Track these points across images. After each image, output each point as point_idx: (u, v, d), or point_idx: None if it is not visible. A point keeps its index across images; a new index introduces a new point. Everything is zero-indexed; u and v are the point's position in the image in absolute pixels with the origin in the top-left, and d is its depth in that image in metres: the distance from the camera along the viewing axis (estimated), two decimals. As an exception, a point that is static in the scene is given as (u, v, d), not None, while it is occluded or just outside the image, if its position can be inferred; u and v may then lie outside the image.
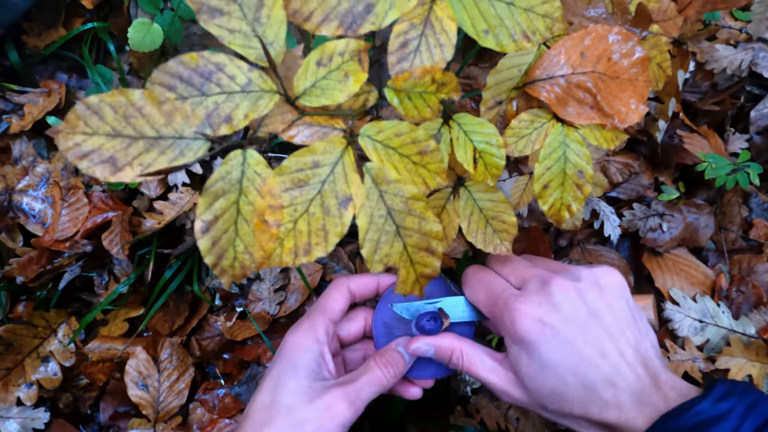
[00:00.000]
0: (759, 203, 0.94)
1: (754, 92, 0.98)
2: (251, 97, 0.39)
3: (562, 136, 0.53)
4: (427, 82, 0.42)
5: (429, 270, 0.43)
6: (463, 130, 0.51)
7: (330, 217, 0.40)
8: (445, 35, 0.42)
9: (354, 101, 0.45)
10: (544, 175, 0.53)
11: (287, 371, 0.49)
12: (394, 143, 0.41)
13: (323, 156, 0.40)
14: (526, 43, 0.44)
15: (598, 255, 0.96)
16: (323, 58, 0.40)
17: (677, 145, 0.95)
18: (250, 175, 0.38)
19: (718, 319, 0.87)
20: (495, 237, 0.59)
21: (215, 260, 0.38)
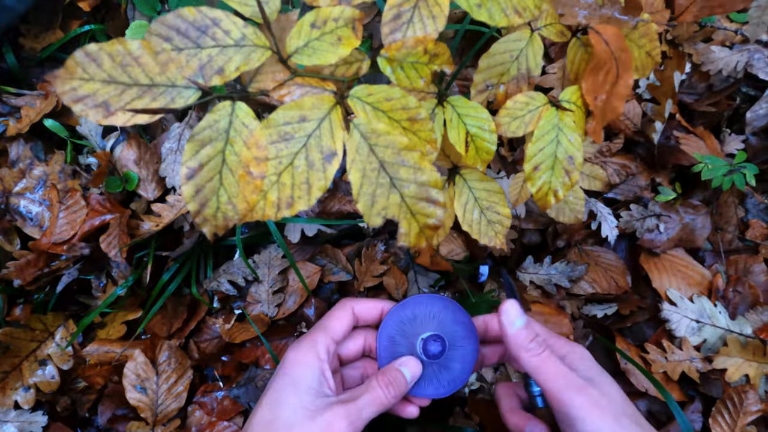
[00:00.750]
0: (755, 204, 0.94)
1: (749, 93, 0.99)
2: (244, 51, 0.40)
3: (556, 120, 0.53)
4: (419, 52, 0.43)
5: (433, 220, 0.42)
6: (456, 113, 0.51)
7: (314, 170, 0.40)
8: (438, 8, 0.43)
9: (347, 68, 0.45)
10: (536, 156, 0.53)
11: (288, 387, 0.49)
12: (384, 107, 0.41)
13: (311, 111, 0.40)
14: (517, 19, 0.44)
15: (595, 256, 0.96)
16: (318, 20, 0.41)
17: (674, 146, 0.95)
18: (238, 126, 0.39)
19: (715, 319, 0.88)
20: (490, 228, 0.59)
21: (198, 208, 0.39)
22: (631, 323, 0.91)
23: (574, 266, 0.93)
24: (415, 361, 0.56)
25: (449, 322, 0.59)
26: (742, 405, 0.82)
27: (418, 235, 0.42)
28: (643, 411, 0.85)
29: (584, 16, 0.58)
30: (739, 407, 0.82)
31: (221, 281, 0.90)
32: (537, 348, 0.50)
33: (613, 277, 0.93)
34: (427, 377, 0.58)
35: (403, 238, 0.42)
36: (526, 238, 0.97)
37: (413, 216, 0.42)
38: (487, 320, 0.61)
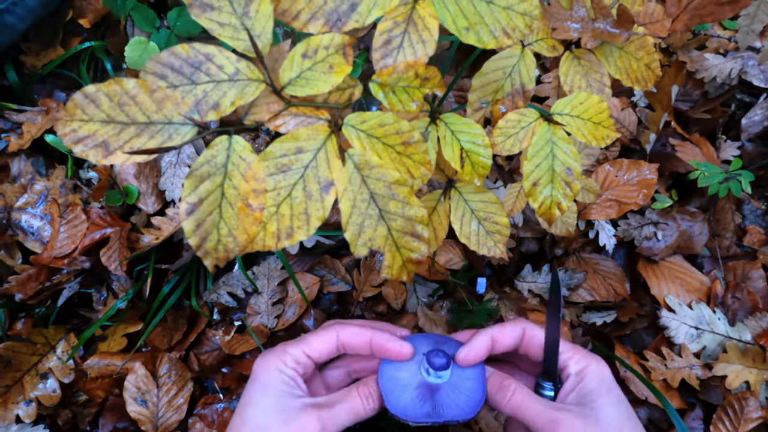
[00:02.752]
0: (752, 210, 0.95)
1: (744, 100, 0.99)
2: (238, 86, 0.40)
3: (549, 134, 0.54)
4: (410, 77, 0.43)
5: (416, 255, 0.43)
6: (450, 129, 0.52)
7: (312, 201, 0.41)
8: (427, 32, 0.43)
9: (340, 95, 0.46)
10: (533, 172, 0.54)
11: (257, 391, 0.48)
12: (377, 133, 0.42)
13: (306, 142, 0.41)
14: (507, 40, 0.45)
15: (594, 264, 0.96)
16: (308, 50, 0.42)
17: (670, 154, 0.96)
18: (235, 159, 0.40)
19: (714, 325, 0.88)
20: (488, 239, 0.60)
21: (199, 242, 0.39)
22: (630, 330, 0.91)
23: (572, 274, 0.93)
24: None
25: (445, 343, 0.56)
26: (742, 412, 0.82)
27: (401, 268, 0.43)
28: (643, 419, 0.85)
29: (576, 30, 0.59)
30: (740, 414, 0.82)
31: (221, 293, 0.90)
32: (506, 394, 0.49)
33: (612, 285, 0.94)
34: (443, 402, 0.53)
35: (386, 270, 0.43)
36: (524, 246, 0.98)
37: (398, 249, 0.43)
38: None
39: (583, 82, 0.59)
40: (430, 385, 0.53)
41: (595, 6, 0.58)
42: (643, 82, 0.62)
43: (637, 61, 0.61)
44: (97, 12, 0.95)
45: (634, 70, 0.61)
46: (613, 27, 0.58)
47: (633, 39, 0.61)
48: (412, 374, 0.54)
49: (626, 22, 0.58)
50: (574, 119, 0.55)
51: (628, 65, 0.61)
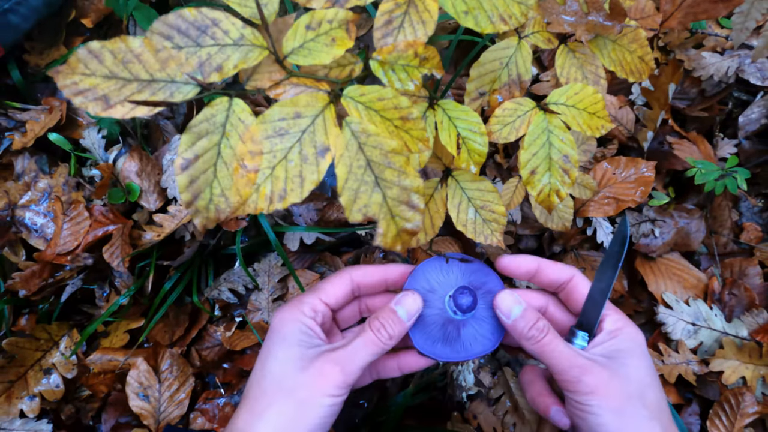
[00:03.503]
0: (749, 207, 0.95)
1: (741, 98, 1.00)
2: (242, 50, 0.41)
3: (545, 123, 0.54)
4: (410, 56, 0.44)
5: (411, 225, 0.43)
6: (447, 115, 0.53)
7: (307, 164, 0.41)
8: (428, 14, 0.44)
9: (340, 71, 0.47)
10: (531, 161, 0.54)
11: (276, 344, 0.48)
12: (376, 106, 0.43)
13: (305, 108, 0.42)
14: (503, 26, 0.46)
15: (592, 261, 0.97)
16: (313, 22, 0.43)
17: (667, 151, 0.97)
18: (234, 120, 0.40)
19: (711, 322, 0.88)
20: (485, 227, 0.60)
21: (191, 198, 0.40)
22: (627, 327, 0.92)
23: (570, 271, 0.93)
24: (413, 297, 0.51)
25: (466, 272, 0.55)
26: (739, 407, 0.82)
27: (396, 237, 0.43)
28: (640, 414, 0.86)
29: (570, 23, 0.59)
30: (737, 409, 0.82)
31: (222, 289, 0.91)
32: (537, 334, 0.48)
33: (610, 282, 0.94)
34: (470, 337, 0.53)
35: (381, 238, 0.43)
36: (522, 243, 0.98)
37: (393, 218, 0.43)
38: None
39: (578, 74, 0.60)
40: (456, 321, 0.53)
41: (588, 0, 0.59)
42: (637, 73, 0.63)
43: (631, 53, 0.62)
44: (100, 12, 0.96)
45: (628, 62, 0.62)
46: (606, 20, 0.59)
47: (626, 32, 0.62)
48: (438, 311, 0.53)
49: (618, 15, 0.59)
50: (570, 109, 0.56)
51: (621, 57, 0.62)
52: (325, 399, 0.45)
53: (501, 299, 0.51)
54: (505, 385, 0.86)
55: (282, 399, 0.45)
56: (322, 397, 0.45)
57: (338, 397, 0.45)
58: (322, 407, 0.45)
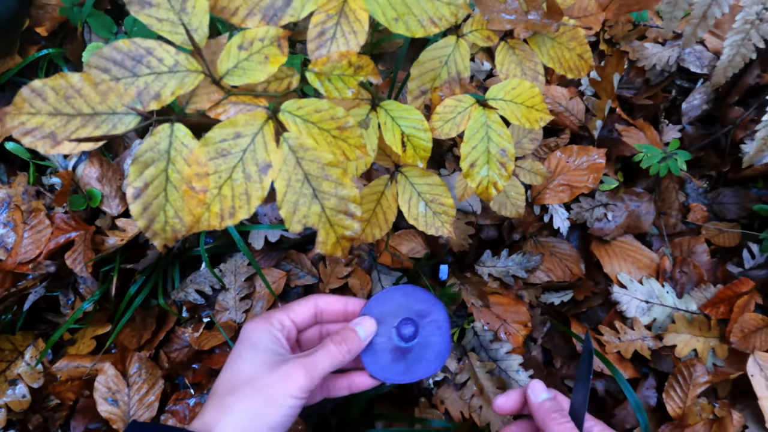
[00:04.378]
0: (694, 188, 1.00)
1: (683, 86, 1.05)
2: (178, 76, 0.43)
3: (484, 118, 0.57)
4: (344, 65, 0.46)
5: (349, 232, 0.45)
6: (390, 116, 0.55)
7: (251, 182, 0.44)
8: (358, 23, 0.46)
9: (279, 84, 0.48)
10: (470, 154, 0.57)
11: (247, 350, 0.52)
12: (313, 118, 0.45)
13: (244, 127, 0.44)
14: (434, 28, 0.48)
15: (550, 246, 1.00)
16: (244, 42, 0.44)
17: (616, 139, 1.01)
18: (178, 145, 0.42)
19: (663, 298, 0.93)
20: (436, 219, 0.63)
21: (147, 223, 0.42)
22: (586, 308, 0.96)
23: (530, 257, 0.97)
24: (370, 320, 0.58)
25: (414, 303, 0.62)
26: (691, 378, 0.86)
27: (335, 244, 0.46)
28: (600, 390, 0.90)
29: (510, 21, 0.62)
30: (689, 380, 0.86)
31: (189, 291, 0.92)
32: (560, 417, 0.52)
33: (568, 266, 0.98)
34: (415, 360, 0.60)
35: (321, 246, 0.46)
36: (483, 233, 1.01)
37: (331, 227, 0.46)
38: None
39: (518, 71, 0.63)
40: (402, 347, 0.60)
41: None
42: (576, 70, 0.67)
43: (570, 51, 0.65)
44: (54, 20, 0.96)
45: (567, 59, 0.65)
46: (544, 18, 0.62)
47: (565, 30, 0.65)
48: (387, 339, 0.60)
49: (555, 14, 0.62)
50: (508, 104, 0.59)
51: (560, 55, 0.65)
52: (289, 399, 0.49)
53: (533, 385, 0.56)
54: (470, 370, 0.89)
55: (250, 395, 0.49)
56: (287, 398, 0.49)
57: (300, 399, 0.50)
58: (286, 407, 0.49)
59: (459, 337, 0.93)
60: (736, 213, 0.99)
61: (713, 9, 0.67)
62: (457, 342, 0.93)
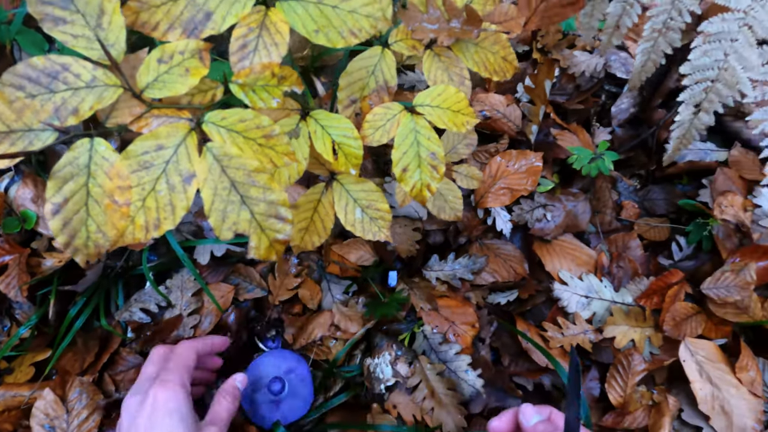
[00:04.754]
0: (625, 187, 1.06)
1: (612, 90, 1.11)
2: (96, 92, 0.43)
3: (413, 124, 0.59)
4: (267, 76, 0.48)
5: (281, 236, 0.46)
6: (320, 125, 0.57)
7: (176, 192, 0.44)
8: (279, 36, 0.48)
9: (202, 96, 0.49)
10: (402, 159, 0.59)
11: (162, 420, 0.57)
12: (238, 128, 0.46)
13: (167, 139, 0.44)
14: (354, 39, 0.50)
15: (495, 248, 1.04)
16: (164, 56, 0.45)
17: (552, 142, 1.05)
18: (98, 160, 0.42)
19: (602, 293, 0.97)
20: (372, 224, 0.64)
21: (68, 240, 0.42)
22: (531, 306, 0.99)
23: (475, 259, 1.00)
24: (242, 375, 0.76)
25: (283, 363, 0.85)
26: (630, 367, 0.91)
27: (269, 248, 0.47)
28: (547, 385, 0.93)
29: (433, 30, 0.65)
30: (628, 369, 0.90)
31: (133, 310, 0.90)
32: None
33: (512, 266, 1.01)
34: (287, 409, 0.82)
35: (254, 251, 0.46)
36: (430, 238, 1.04)
37: (263, 231, 0.46)
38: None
39: (444, 76, 0.66)
40: (275, 399, 0.82)
41: (448, 7, 0.65)
42: (501, 72, 0.70)
43: (494, 54, 0.69)
44: (-18, 38, 0.93)
45: (491, 62, 0.68)
46: (464, 25, 0.65)
47: (488, 35, 0.69)
48: (263, 394, 0.82)
49: (474, 21, 0.65)
50: (435, 109, 0.61)
51: (485, 58, 0.68)
52: None
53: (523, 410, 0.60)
54: (421, 373, 0.90)
55: None
56: None
57: None
58: None
59: (410, 341, 0.94)
60: (665, 208, 1.05)
61: (624, 19, 0.72)
62: (407, 346, 0.94)
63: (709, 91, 0.70)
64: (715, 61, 0.69)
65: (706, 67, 0.69)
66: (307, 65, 1.03)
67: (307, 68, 1.04)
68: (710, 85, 0.70)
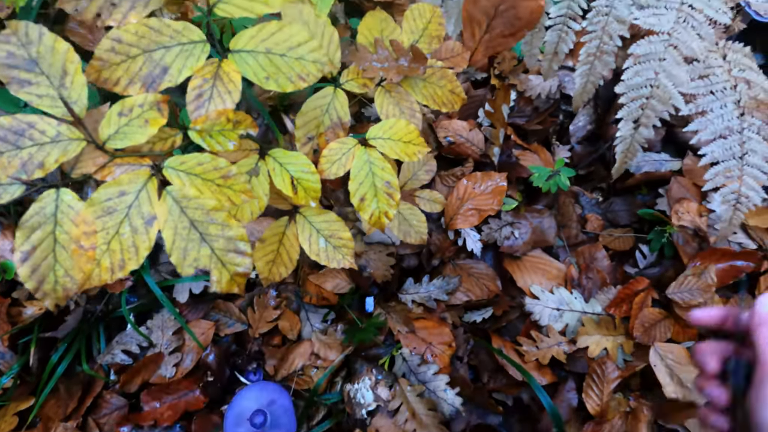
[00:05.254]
0: (587, 200, 1.10)
1: (569, 110, 1.17)
2: (61, 146, 0.47)
3: (367, 156, 0.63)
4: (223, 122, 0.51)
5: (242, 269, 0.49)
6: (278, 162, 0.60)
7: (138, 234, 0.47)
8: (232, 84, 0.52)
9: (163, 144, 0.53)
10: (358, 190, 0.63)
11: None
12: (197, 171, 0.49)
13: (128, 186, 0.48)
14: (302, 84, 0.54)
15: (468, 268, 1.07)
16: (124, 109, 0.49)
17: (515, 162, 1.10)
18: (64, 208, 0.45)
19: (572, 304, 1.00)
20: (336, 253, 0.68)
21: (36, 285, 0.45)
22: (505, 322, 1.02)
23: (449, 280, 1.03)
24: None
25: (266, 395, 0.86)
26: (604, 375, 0.93)
27: (230, 281, 0.50)
28: (525, 400, 0.94)
29: (382, 68, 0.70)
30: (603, 377, 0.93)
31: (115, 353, 0.91)
32: None
33: (485, 284, 1.04)
34: None
35: (216, 285, 0.49)
36: (405, 262, 1.07)
37: (224, 266, 0.50)
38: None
39: (396, 111, 0.70)
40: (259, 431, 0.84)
41: (395, 47, 0.70)
42: (449, 104, 0.75)
43: (441, 88, 0.73)
44: (-39, 98, 0.97)
45: (439, 95, 0.73)
46: (411, 63, 0.70)
47: (434, 71, 0.74)
48: (246, 427, 0.84)
49: (420, 59, 0.70)
50: (387, 141, 0.65)
51: (433, 92, 0.73)
52: None
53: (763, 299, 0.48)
54: (402, 395, 0.92)
55: None
56: None
57: None
58: None
59: (389, 365, 0.96)
60: (628, 219, 1.09)
61: (561, 46, 0.77)
62: (387, 370, 0.96)
63: (645, 107, 0.75)
64: (647, 79, 0.74)
65: (639, 85, 0.75)
66: (276, 104, 1.08)
67: (276, 107, 1.08)
68: (645, 102, 0.75)
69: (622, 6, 0.73)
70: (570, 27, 0.76)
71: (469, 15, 0.79)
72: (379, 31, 0.70)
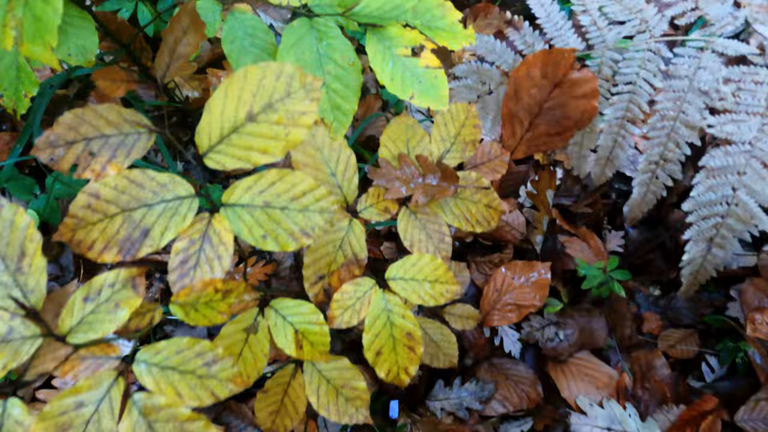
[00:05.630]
0: (644, 297, 0.97)
1: (622, 189, 1.04)
2: (12, 347, 0.39)
3: (384, 302, 0.54)
4: (210, 293, 0.44)
5: None
6: (280, 315, 0.52)
7: None
8: (223, 247, 0.44)
9: (140, 320, 0.46)
10: (374, 342, 0.54)
11: None
12: (173, 362, 0.41)
13: (88, 394, 0.40)
14: (306, 240, 0.46)
15: (505, 369, 0.96)
16: (91, 292, 0.42)
17: (560, 250, 0.99)
18: (11, 426, 0.38)
19: (626, 423, 0.87)
20: (349, 406, 0.59)
21: None
22: (547, 438, 0.90)
23: (483, 386, 0.92)
24: None
25: None
26: None
27: None
28: None
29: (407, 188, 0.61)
30: None
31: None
32: None
33: (524, 390, 0.93)
34: None
35: None
36: (434, 360, 0.97)
37: None
38: None
39: (422, 236, 0.61)
40: None
41: (422, 164, 0.61)
42: (484, 222, 0.65)
43: (475, 204, 0.64)
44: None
45: (473, 213, 0.63)
46: (441, 181, 0.61)
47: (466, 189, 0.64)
48: None
49: (450, 178, 0.61)
50: (409, 282, 0.56)
51: (465, 210, 0.63)
52: None
53: None
54: None
55: None
56: None
57: None
58: None
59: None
60: (692, 318, 0.95)
61: (616, 151, 0.66)
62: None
63: (720, 227, 0.63)
64: (722, 196, 0.62)
65: (714, 202, 0.63)
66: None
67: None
68: (720, 221, 0.63)
69: (693, 110, 0.62)
70: (628, 131, 0.65)
71: (509, 112, 0.69)
72: (404, 141, 0.62)
